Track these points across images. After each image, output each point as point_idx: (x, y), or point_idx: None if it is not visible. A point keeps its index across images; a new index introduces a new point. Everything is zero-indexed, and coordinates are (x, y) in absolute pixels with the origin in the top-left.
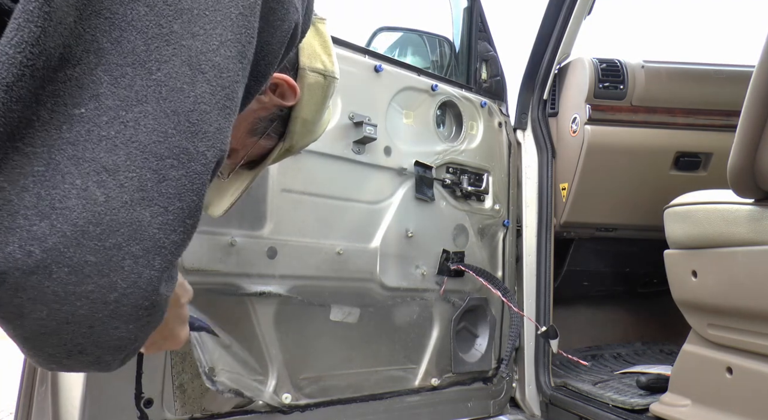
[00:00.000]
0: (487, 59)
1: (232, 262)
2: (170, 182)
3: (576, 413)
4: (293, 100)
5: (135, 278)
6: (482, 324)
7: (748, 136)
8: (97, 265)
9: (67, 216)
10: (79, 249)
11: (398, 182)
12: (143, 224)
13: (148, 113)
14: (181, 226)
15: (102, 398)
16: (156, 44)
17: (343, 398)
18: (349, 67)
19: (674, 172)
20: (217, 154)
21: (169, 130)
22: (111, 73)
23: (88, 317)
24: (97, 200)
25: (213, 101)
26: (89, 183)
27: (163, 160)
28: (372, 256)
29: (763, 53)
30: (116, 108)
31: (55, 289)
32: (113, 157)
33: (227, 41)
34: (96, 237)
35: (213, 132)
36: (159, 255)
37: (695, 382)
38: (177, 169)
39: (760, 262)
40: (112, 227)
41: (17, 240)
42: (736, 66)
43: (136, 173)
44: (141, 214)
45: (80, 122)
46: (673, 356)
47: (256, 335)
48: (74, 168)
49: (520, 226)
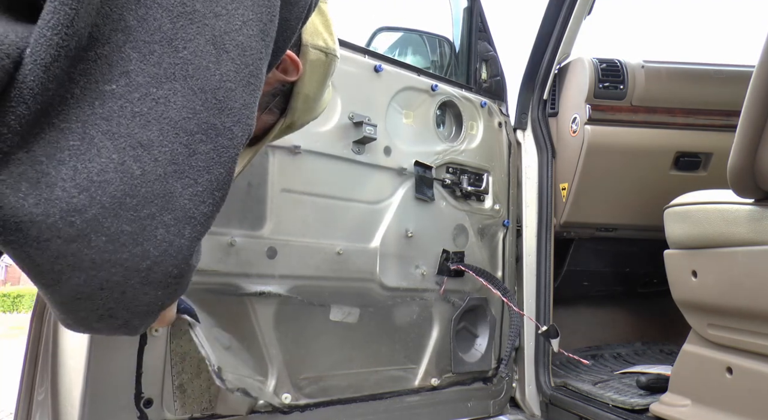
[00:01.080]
0: (487, 59)
1: (231, 262)
2: (200, 156)
3: (576, 413)
4: (296, 76)
5: (166, 246)
6: (482, 324)
7: (748, 136)
8: (133, 234)
9: (105, 189)
10: (116, 219)
11: (398, 182)
12: (175, 195)
13: (177, 90)
14: (210, 198)
15: (102, 398)
16: (181, 23)
17: (343, 398)
18: (349, 67)
19: (674, 172)
20: (244, 130)
21: (197, 107)
22: (139, 50)
23: (121, 284)
24: (134, 174)
25: (237, 79)
26: (126, 157)
27: (192, 136)
28: (372, 256)
29: (763, 53)
30: (147, 85)
31: (93, 257)
32: (147, 132)
33: (249, 21)
34: (132, 208)
35: (239, 108)
36: (189, 224)
37: (695, 382)
38: (206, 143)
39: (760, 262)
40: (147, 198)
41: (58, 212)
42: (736, 66)
43: (169, 148)
44: (173, 186)
45: (112, 98)
46: (673, 356)
47: (256, 335)
48: (110, 143)
49: (520, 226)
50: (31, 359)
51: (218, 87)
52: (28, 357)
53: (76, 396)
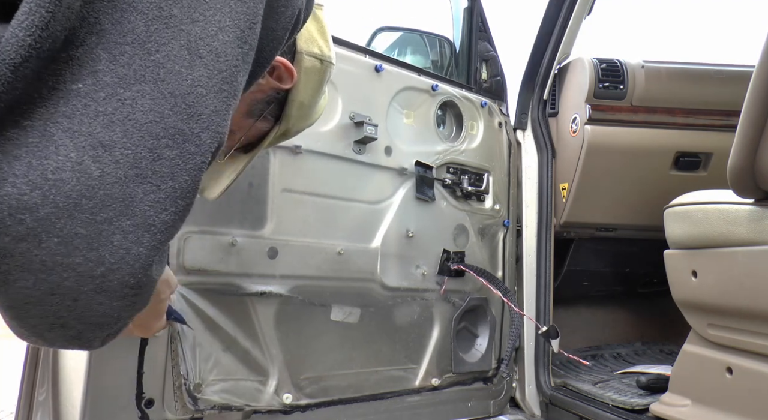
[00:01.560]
0: (487, 59)
1: (232, 262)
2: (164, 161)
3: (576, 413)
4: (290, 84)
5: (123, 254)
6: (482, 324)
7: (748, 136)
8: (87, 237)
9: (60, 188)
10: (70, 221)
11: (399, 182)
12: (135, 201)
13: (146, 93)
14: (173, 206)
15: (103, 398)
16: (156, 26)
17: (344, 398)
18: (349, 66)
19: (674, 172)
20: (213, 137)
21: (165, 111)
22: (110, 51)
23: (73, 290)
24: (92, 174)
25: (210, 84)
26: (85, 157)
27: (158, 140)
28: (372, 256)
29: (763, 53)
30: (114, 85)
31: (43, 259)
32: (110, 133)
33: (225, 27)
34: (88, 210)
35: (208, 114)
36: (148, 232)
37: (695, 382)
38: (171, 148)
39: (760, 262)
40: (105, 202)
41: (7, 208)
42: (736, 66)
43: (132, 150)
44: (134, 190)
45: (77, 97)
46: (673, 356)
47: (257, 335)
48: (69, 140)
49: (520, 226)
50: (32, 359)
51: (189, 92)
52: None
53: (77, 396)
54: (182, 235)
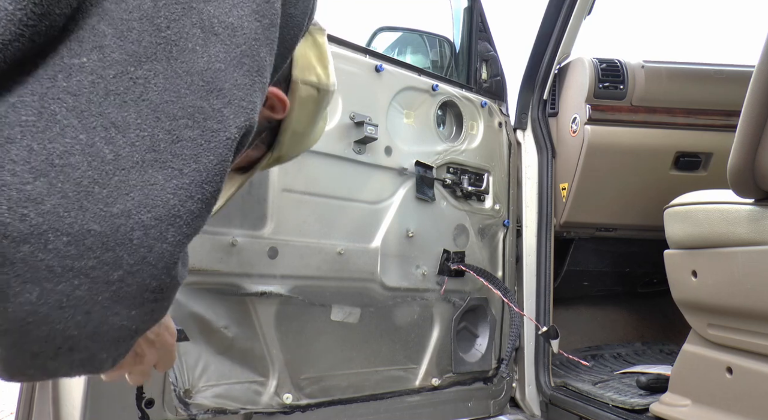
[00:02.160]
0: (487, 59)
1: (233, 262)
2: (185, 143)
3: (576, 413)
4: (282, 114)
5: (144, 253)
6: (482, 324)
7: (748, 136)
8: (102, 235)
9: (69, 174)
10: (81, 213)
11: (399, 182)
12: (156, 188)
13: (159, 72)
14: (199, 193)
15: (103, 398)
16: (164, 2)
17: (344, 398)
18: (349, 66)
19: (674, 172)
20: (237, 111)
21: (181, 90)
22: (116, 27)
23: (85, 300)
24: (105, 157)
25: (228, 59)
26: (96, 138)
27: (176, 121)
28: (373, 256)
29: (763, 53)
30: (123, 63)
31: (49, 264)
32: (123, 113)
33: (240, 3)
34: (102, 200)
35: (229, 88)
36: (173, 225)
37: (695, 382)
38: (192, 128)
39: (760, 262)
40: (122, 190)
41: (5, 201)
42: (736, 66)
43: (148, 132)
44: (153, 176)
45: (81, 72)
46: (673, 356)
47: (257, 335)
48: (77, 121)
49: (520, 226)
50: None
51: (206, 68)
52: None
53: (78, 396)
54: None
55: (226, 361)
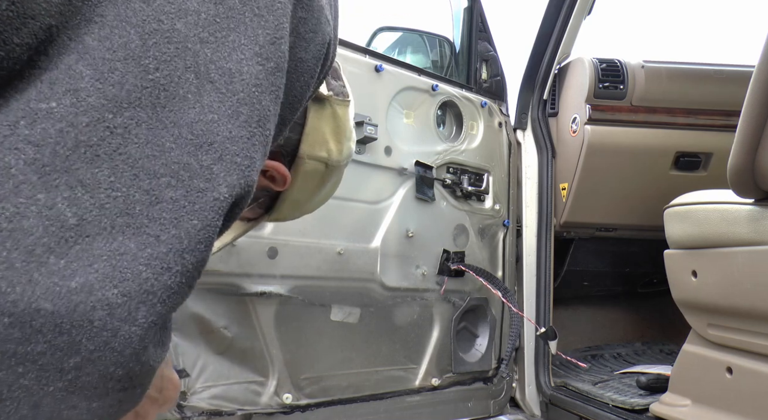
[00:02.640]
0: (487, 59)
1: (232, 262)
2: (164, 205)
3: (576, 413)
4: (282, 187)
5: (107, 337)
6: (482, 324)
7: (748, 136)
8: (54, 315)
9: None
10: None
11: (399, 182)
12: (126, 258)
13: (142, 120)
14: (178, 264)
15: None
16: (154, 40)
17: (344, 398)
18: (349, 67)
19: (674, 172)
20: (230, 168)
21: (167, 143)
22: (96, 68)
23: (33, 391)
24: (67, 222)
25: (222, 109)
26: (57, 198)
27: (157, 179)
28: (372, 256)
29: (763, 53)
30: (101, 108)
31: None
32: (93, 169)
33: (241, 46)
34: (57, 273)
35: (221, 142)
36: (144, 303)
37: (695, 382)
38: (175, 188)
39: (760, 262)
40: (83, 260)
41: None
42: (736, 66)
43: (122, 192)
44: (124, 244)
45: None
46: (673, 356)
47: (257, 335)
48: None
49: (520, 226)
50: None
51: (196, 120)
52: None
53: None
54: None
55: (226, 361)
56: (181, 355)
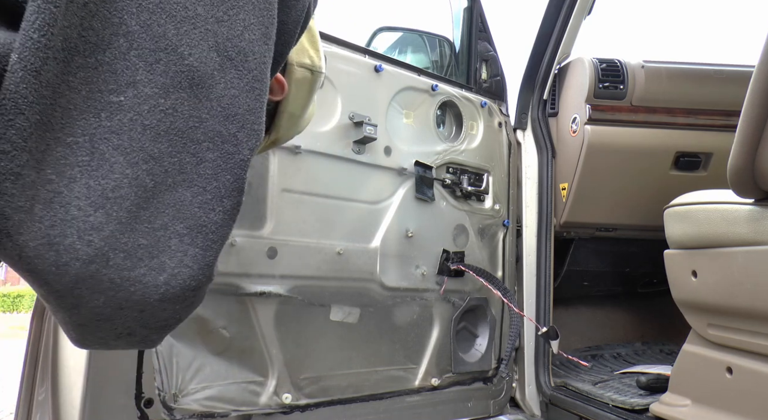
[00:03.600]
0: (487, 59)
1: (232, 262)
2: (207, 164)
3: (576, 413)
4: (281, 96)
5: (181, 256)
6: (482, 324)
7: (748, 136)
8: (148, 247)
9: (121, 204)
10: (133, 233)
11: (398, 182)
12: (185, 204)
13: (184, 100)
14: (219, 205)
15: (102, 398)
16: (185, 28)
17: (344, 398)
18: (349, 67)
19: (674, 172)
20: (250, 135)
21: (203, 116)
22: (145, 59)
23: (140, 302)
24: (147, 186)
25: (241, 85)
26: (138, 172)
27: (199, 144)
28: (372, 256)
29: (763, 53)
30: (155, 96)
31: (111, 276)
32: (158, 145)
33: (251, 25)
34: (146, 219)
35: (242, 114)
36: (201, 233)
37: (695, 382)
38: (212, 151)
39: (760, 262)
40: (159, 209)
41: (75, 231)
42: (736, 66)
43: (177, 158)
44: (183, 194)
45: (120, 110)
46: (673, 356)
47: (257, 335)
48: (122, 157)
49: (520, 226)
50: (32, 359)
51: (223, 94)
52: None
53: (77, 396)
54: None
55: (224, 361)
56: (176, 356)
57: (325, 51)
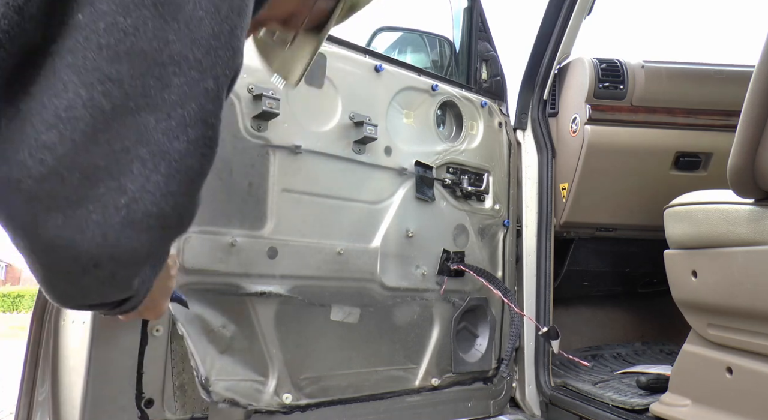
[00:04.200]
0: (487, 59)
1: (232, 262)
2: (173, 89)
3: (576, 413)
4: None
5: (143, 181)
6: (482, 324)
7: (748, 136)
8: (107, 168)
9: (75, 125)
10: (89, 155)
11: (398, 182)
12: (148, 128)
13: (147, 19)
14: (184, 134)
15: (102, 398)
16: None
17: (344, 398)
18: (349, 66)
19: (674, 172)
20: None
21: (169, 37)
22: None
23: (101, 224)
24: (104, 108)
25: (207, 6)
26: (94, 93)
27: (165, 68)
28: (372, 256)
29: (763, 53)
30: (112, 13)
31: (67, 195)
32: (116, 66)
33: None
34: (105, 142)
35: (207, 38)
36: (164, 160)
37: (695, 382)
38: (178, 76)
39: (760, 262)
40: (120, 132)
41: (27, 148)
42: (736, 66)
43: (141, 81)
44: (146, 119)
45: (77, 29)
46: (673, 356)
47: (257, 335)
48: (75, 77)
49: (520, 226)
50: (32, 359)
51: (190, 16)
52: (28, 357)
53: (77, 396)
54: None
55: (227, 360)
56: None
57: (326, 51)
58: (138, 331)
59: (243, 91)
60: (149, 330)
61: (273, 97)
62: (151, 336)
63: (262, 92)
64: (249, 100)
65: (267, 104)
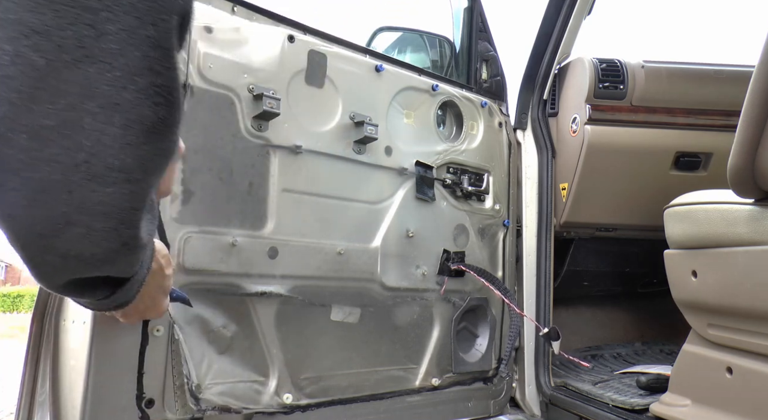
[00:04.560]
0: (488, 59)
1: (233, 262)
2: (109, 37)
3: (576, 413)
4: None
5: (98, 135)
6: (483, 324)
7: (748, 136)
8: (57, 127)
9: (8, 84)
10: (32, 114)
11: (399, 182)
12: (92, 81)
13: None
14: (132, 84)
15: (103, 398)
16: None
17: (344, 398)
18: (349, 66)
19: (674, 172)
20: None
21: None
22: None
23: (62, 182)
24: (36, 64)
25: None
26: (20, 48)
27: (96, 14)
28: (372, 256)
29: (763, 53)
30: None
31: (18, 157)
32: (40, 16)
33: None
34: (47, 100)
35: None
36: (117, 112)
37: (695, 382)
38: (113, 22)
39: (760, 262)
40: (61, 88)
41: None
42: (736, 66)
43: (72, 31)
44: (87, 71)
45: None
46: (673, 356)
47: (257, 335)
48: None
49: (520, 226)
50: (32, 359)
51: None
52: (28, 357)
53: (77, 396)
54: (182, 236)
55: (227, 360)
56: (190, 351)
57: (326, 51)
58: (138, 331)
59: (243, 91)
60: (150, 330)
61: (273, 96)
62: (151, 336)
63: (262, 92)
64: (249, 99)
65: (267, 104)
